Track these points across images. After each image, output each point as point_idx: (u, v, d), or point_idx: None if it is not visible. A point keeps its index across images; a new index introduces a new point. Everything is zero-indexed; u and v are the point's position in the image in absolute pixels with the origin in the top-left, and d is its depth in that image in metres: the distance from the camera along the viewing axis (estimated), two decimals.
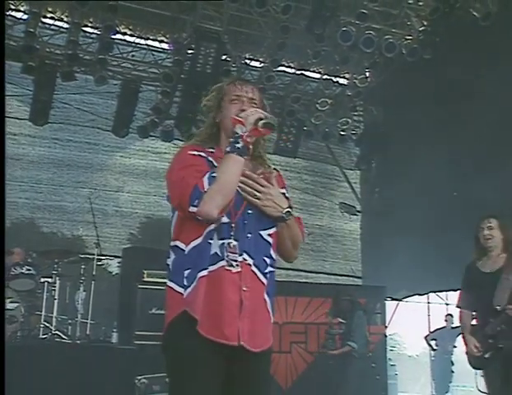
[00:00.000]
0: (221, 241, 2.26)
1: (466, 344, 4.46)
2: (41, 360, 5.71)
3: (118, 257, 8.84)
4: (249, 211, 2.33)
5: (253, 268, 2.28)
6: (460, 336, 10.34)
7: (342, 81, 10.53)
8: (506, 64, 7.39)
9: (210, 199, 2.20)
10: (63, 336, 6.70)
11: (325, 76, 10.18)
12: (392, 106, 10.02)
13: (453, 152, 8.26)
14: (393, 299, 10.35)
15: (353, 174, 11.34)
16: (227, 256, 2.24)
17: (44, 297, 6.84)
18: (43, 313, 6.68)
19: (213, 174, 2.25)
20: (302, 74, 9.94)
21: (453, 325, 10.16)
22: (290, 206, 2.36)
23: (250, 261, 2.28)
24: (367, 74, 10.19)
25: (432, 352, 10.64)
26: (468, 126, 7.99)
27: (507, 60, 7.40)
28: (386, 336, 9.12)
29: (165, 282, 2.35)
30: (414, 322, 15.79)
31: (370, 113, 10.51)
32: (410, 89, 9.13)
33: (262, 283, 2.30)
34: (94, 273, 7.46)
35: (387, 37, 8.60)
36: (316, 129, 10.49)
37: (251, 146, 2.34)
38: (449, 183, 8.46)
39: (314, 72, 10.33)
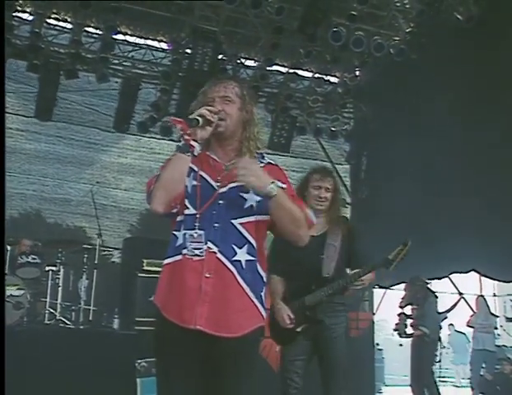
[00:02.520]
0: (184, 232, 2.36)
1: (275, 313, 3.76)
2: (46, 344, 5.89)
3: (117, 249, 9.07)
4: (220, 202, 2.39)
5: (219, 256, 2.33)
6: (445, 320, 10.75)
7: (332, 79, 10.68)
8: (487, 63, 7.65)
9: (153, 196, 2.33)
10: (67, 322, 6.93)
11: (317, 75, 10.35)
12: (380, 103, 10.17)
13: (439, 146, 8.43)
14: (380, 287, 10.56)
15: (342, 168, 11.47)
16: (189, 245, 2.33)
17: (49, 284, 7.10)
18: (48, 299, 6.96)
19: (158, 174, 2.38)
20: (295, 73, 10.10)
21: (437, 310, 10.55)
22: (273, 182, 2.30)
23: (215, 249, 2.33)
24: (357, 73, 10.36)
25: None
26: (452, 121, 8.15)
27: (488, 59, 7.65)
28: (374, 322, 9.37)
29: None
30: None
31: (360, 109, 10.66)
32: (398, 87, 9.32)
33: (231, 270, 2.33)
34: (96, 262, 7.74)
35: (375, 38, 8.74)
36: (308, 125, 10.71)
37: (195, 143, 2.35)
38: (436, 176, 8.68)
39: (306, 70, 10.47)
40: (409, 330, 7.40)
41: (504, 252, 7.47)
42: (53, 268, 7.30)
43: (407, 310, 7.65)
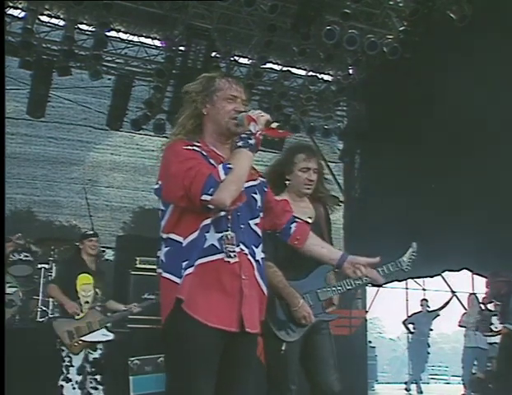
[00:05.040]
0: (220, 234, 2.31)
1: (298, 309, 3.34)
2: (38, 341, 5.92)
3: (110, 248, 9.07)
4: (239, 203, 2.37)
5: (249, 257, 2.36)
6: (436, 319, 10.73)
7: (326, 77, 10.72)
8: (480, 62, 7.70)
9: (225, 188, 2.23)
10: None
11: (310, 73, 10.34)
12: (374, 101, 10.23)
13: (432, 145, 8.50)
14: (373, 285, 10.61)
15: (336, 166, 11.56)
16: (226, 248, 2.30)
17: (41, 282, 7.15)
18: (40, 297, 6.99)
19: (228, 166, 2.27)
20: (288, 71, 10.11)
21: (429, 309, 10.62)
22: None
23: (246, 250, 2.35)
24: (350, 71, 10.38)
25: (410, 335, 11.08)
26: (445, 119, 8.26)
27: (481, 58, 7.71)
28: (366, 320, 9.42)
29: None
30: (393, 306, 16.20)
31: (353, 108, 10.71)
32: (391, 85, 9.36)
33: (255, 271, 2.39)
34: None
35: (369, 36, 8.81)
36: (302, 123, 10.74)
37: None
38: (429, 175, 8.71)
39: (299, 68, 10.49)
40: (494, 328, 7.14)
41: (495, 250, 7.52)
42: (46, 266, 7.33)
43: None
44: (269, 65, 10.18)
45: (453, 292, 11.96)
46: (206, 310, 2.26)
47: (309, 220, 3.44)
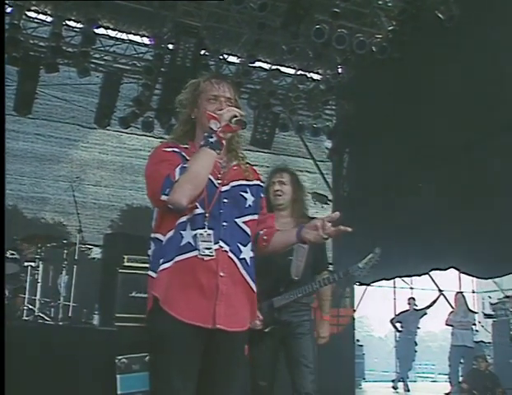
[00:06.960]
0: (194, 232, 2.33)
1: None
2: (24, 340, 5.72)
3: (97, 246, 9.00)
4: (225, 201, 2.41)
5: (230, 254, 2.36)
6: (423, 317, 10.74)
7: (315, 76, 10.74)
8: (466, 62, 7.77)
9: (179, 188, 2.27)
10: (46, 318, 6.82)
11: (299, 72, 10.37)
12: (362, 101, 10.24)
13: (420, 144, 8.54)
14: (361, 284, 10.62)
15: (324, 165, 11.61)
16: (200, 245, 2.32)
17: (28, 280, 7.03)
18: (26, 295, 6.83)
19: (184, 166, 2.33)
20: (277, 69, 10.12)
21: (417, 308, 10.70)
22: None
23: (227, 248, 2.35)
24: (339, 70, 10.42)
25: (397, 333, 11.15)
26: (433, 119, 8.28)
27: (468, 57, 7.78)
28: (354, 318, 9.43)
29: (145, 267, 2.54)
30: (381, 305, 16.28)
31: (342, 107, 10.72)
32: (380, 84, 9.39)
33: (240, 268, 2.39)
34: (76, 258, 7.69)
35: (358, 35, 8.81)
36: (290, 122, 10.75)
37: (224, 142, 2.39)
38: (417, 174, 8.77)
39: (288, 67, 10.53)
40: None
41: (482, 249, 7.57)
42: (32, 264, 7.20)
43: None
44: (258, 63, 10.17)
45: (440, 291, 12.03)
46: (182, 307, 2.30)
47: None
